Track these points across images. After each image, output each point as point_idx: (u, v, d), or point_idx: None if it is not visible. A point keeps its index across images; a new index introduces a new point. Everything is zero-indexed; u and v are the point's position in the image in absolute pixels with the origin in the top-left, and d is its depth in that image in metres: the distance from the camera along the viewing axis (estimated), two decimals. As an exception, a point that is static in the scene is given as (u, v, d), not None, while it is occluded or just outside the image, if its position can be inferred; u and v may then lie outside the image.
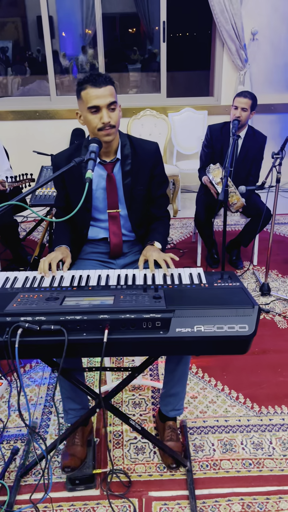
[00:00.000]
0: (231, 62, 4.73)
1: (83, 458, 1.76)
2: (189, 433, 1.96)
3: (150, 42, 7.46)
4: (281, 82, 4.91)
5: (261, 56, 4.76)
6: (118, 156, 1.80)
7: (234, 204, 2.90)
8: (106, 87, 1.64)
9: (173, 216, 4.48)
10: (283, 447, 1.89)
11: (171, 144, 4.81)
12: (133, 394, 2.19)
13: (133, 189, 1.83)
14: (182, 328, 1.32)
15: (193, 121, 4.80)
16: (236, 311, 1.34)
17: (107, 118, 1.65)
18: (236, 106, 3.07)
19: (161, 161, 1.89)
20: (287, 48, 4.77)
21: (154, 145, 1.87)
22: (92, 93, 1.63)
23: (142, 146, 1.84)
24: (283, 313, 2.82)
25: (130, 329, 1.33)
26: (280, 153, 2.69)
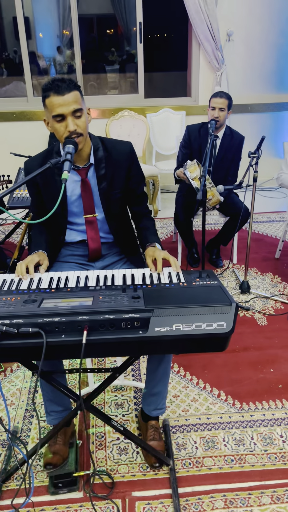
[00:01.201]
0: (207, 63, 4.77)
1: (65, 456, 1.76)
2: (172, 432, 1.97)
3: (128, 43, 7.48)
4: (257, 82, 4.97)
5: (237, 57, 4.82)
6: (92, 160, 1.78)
7: (210, 199, 2.93)
8: (69, 94, 1.58)
9: (153, 216, 4.48)
10: (264, 443, 1.91)
11: (150, 144, 4.82)
12: (116, 395, 2.19)
13: (109, 192, 1.82)
14: (161, 327, 1.32)
15: (171, 121, 4.83)
16: (214, 309, 1.35)
17: (73, 126, 1.61)
18: (214, 107, 3.10)
19: (136, 160, 1.88)
20: (262, 48, 4.84)
21: (128, 145, 1.85)
22: (56, 101, 1.57)
23: (116, 148, 1.82)
24: (263, 310, 2.86)
25: (109, 330, 1.33)
26: (257, 153, 2.72)
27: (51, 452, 1.75)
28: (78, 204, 1.82)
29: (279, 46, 4.85)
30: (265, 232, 4.06)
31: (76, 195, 1.81)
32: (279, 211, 4.53)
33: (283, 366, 2.36)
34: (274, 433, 1.96)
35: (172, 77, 7.01)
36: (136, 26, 4.76)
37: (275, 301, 2.95)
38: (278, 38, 4.81)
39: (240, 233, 3.50)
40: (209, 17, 4.47)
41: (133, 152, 1.87)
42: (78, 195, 1.80)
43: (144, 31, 4.81)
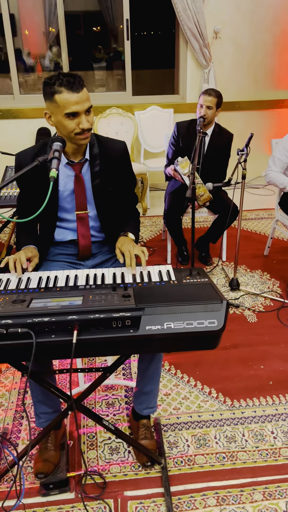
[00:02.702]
0: (195, 60, 4.77)
1: (56, 462, 1.74)
2: (163, 431, 1.97)
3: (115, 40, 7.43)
4: (244, 79, 4.98)
5: (224, 54, 4.82)
6: (87, 156, 1.77)
7: (201, 195, 2.92)
8: (83, 91, 1.58)
9: (142, 215, 4.48)
10: (255, 439, 1.92)
11: (138, 142, 4.81)
12: (106, 394, 2.18)
13: (102, 189, 1.81)
14: (152, 326, 1.32)
15: (159, 119, 4.81)
16: (205, 307, 1.35)
17: (87, 124, 1.62)
18: (202, 104, 3.09)
19: (129, 160, 1.88)
20: (250, 46, 4.85)
21: (122, 144, 1.85)
22: (71, 99, 1.56)
23: (110, 146, 1.81)
24: (252, 307, 2.87)
25: (99, 329, 1.31)
26: (245, 150, 2.73)
27: (41, 459, 1.72)
28: (70, 200, 1.80)
29: (266, 43, 4.87)
30: (254, 230, 4.07)
31: (68, 190, 1.79)
32: (268, 208, 4.55)
33: (273, 362, 2.37)
34: (265, 429, 1.97)
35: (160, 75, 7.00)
36: (123, 23, 4.74)
37: (264, 298, 2.97)
38: (265, 35, 4.83)
39: (229, 230, 3.51)
40: (196, 14, 4.47)
41: (127, 152, 1.86)
42: (70, 190, 1.79)
43: (131, 28, 4.78)
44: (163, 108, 4.82)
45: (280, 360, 2.38)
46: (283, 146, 3.00)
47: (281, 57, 4.96)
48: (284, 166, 3.03)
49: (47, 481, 1.68)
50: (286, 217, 3.13)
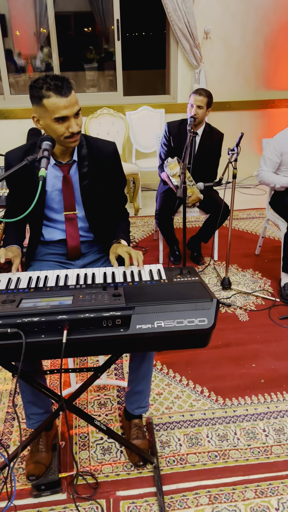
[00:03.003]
0: (186, 61, 4.78)
1: (48, 464, 1.73)
2: (156, 430, 1.97)
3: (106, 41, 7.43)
4: (235, 80, 5.00)
5: (214, 54, 4.84)
6: (75, 157, 1.76)
7: (189, 197, 2.93)
8: (71, 95, 1.57)
9: (134, 215, 4.48)
10: (247, 437, 1.92)
11: (129, 142, 4.81)
12: (98, 394, 2.17)
13: (91, 190, 1.80)
14: (143, 325, 1.31)
15: (151, 119, 4.82)
16: (195, 305, 1.35)
17: (76, 127, 1.62)
18: (192, 104, 3.10)
19: (119, 161, 1.87)
20: (240, 46, 4.87)
21: (112, 145, 1.84)
22: (60, 103, 1.55)
23: (99, 147, 1.81)
24: (244, 306, 2.88)
25: (90, 329, 1.31)
26: (235, 149, 2.74)
27: (33, 462, 1.71)
28: (59, 201, 1.80)
29: (256, 44, 4.89)
30: (245, 229, 4.09)
31: (56, 190, 1.78)
32: (259, 207, 4.57)
33: (265, 361, 2.38)
34: (257, 427, 1.98)
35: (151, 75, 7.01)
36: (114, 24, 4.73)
37: (256, 297, 2.98)
38: (255, 35, 4.85)
39: (221, 230, 3.52)
40: (187, 14, 4.48)
41: (117, 152, 1.86)
42: (58, 191, 1.78)
43: (122, 29, 4.79)
44: (154, 108, 4.83)
45: (271, 359, 2.39)
46: (273, 146, 3.01)
47: (271, 57, 4.99)
48: (275, 166, 3.04)
49: (39, 483, 1.67)
50: (276, 216, 3.15)
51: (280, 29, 4.87)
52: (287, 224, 2.95)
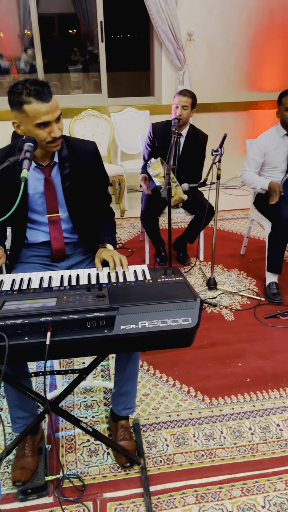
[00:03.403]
0: (169, 63, 4.80)
1: (34, 469, 1.71)
2: (142, 431, 1.96)
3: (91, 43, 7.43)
4: (218, 81, 5.04)
5: (198, 56, 4.87)
6: (56, 159, 1.75)
7: (172, 197, 2.94)
8: (52, 100, 1.56)
9: (120, 216, 4.48)
10: (233, 436, 1.94)
11: (114, 144, 4.81)
12: (85, 396, 2.16)
13: (73, 192, 1.80)
14: (127, 325, 1.32)
15: (136, 120, 4.82)
16: (179, 305, 1.35)
17: (58, 132, 1.61)
18: (177, 105, 3.12)
19: (100, 160, 1.87)
20: (223, 48, 4.91)
21: (92, 145, 1.84)
22: (41, 109, 1.54)
23: (80, 147, 1.80)
24: (230, 306, 2.90)
25: (74, 330, 1.31)
26: (219, 150, 2.76)
27: (18, 467, 1.70)
28: (41, 203, 1.79)
29: (239, 46, 4.94)
30: (231, 229, 4.12)
31: (39, 193, 1.77)
32: (244, 208, 4.61)
33: (250, 360, 2.39)
34: (243, 426, 1.99)
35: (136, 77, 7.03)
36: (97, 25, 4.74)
37: (241, 297, 3.00)
38: (238, 37, 4.90)
39: (206, 230, 3.54)
40: (170, 17, 4.50)
41: (97, 152, 1.85)
42: (40, 193, 1.77)
43: (107, 31, 4.79)
44: (139, 109, 4.84)
45: (257, 357, 2.41)
46: (257, 146, 3.05)
47: (254, 59, 5.04)
48: (258, 166, 3.08)
49: (25, 487, 1.65)
50: (261, 217, 3.17)
51: (262, 31, 4.92)
52: (271, 224, 2.98)
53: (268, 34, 4.95)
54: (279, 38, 4.99)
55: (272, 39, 4.97)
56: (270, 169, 3.09)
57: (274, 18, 4.88)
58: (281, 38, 4.99)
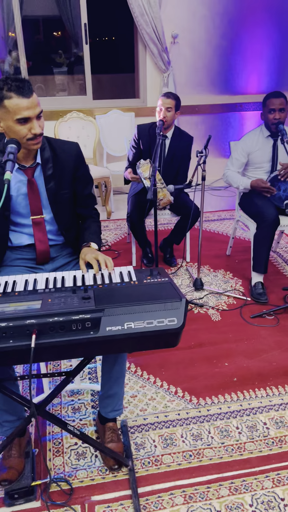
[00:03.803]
0: (154, 65, 4.82)
1: (20, 470, 1.70)
2: (130, 432, 1.96)
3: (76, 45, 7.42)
4: (202, 83, 5.08)
5: (182, 59, 4.90)
6: (38, 160, 1.75)
7: (160, 200, 2.95)
8: (33, 96, 1.56)
9: (107, 218, 4.48)
10: (220, 435, 1.94)
11: (100, 146, 4.80)
12: (72, 399, 2.15)
13: (57, 193, 1.79)
14: (112, 327, 1.32)
15: (121, 123, 4.83)
16: (164, 306, 1.36)
17: (39, 129, 1.60)
18: (161, 107, 3.13)
19: (83, 161, 1.87)
20: (207, 50, 4.95)
21: (74, 146, 1.84)
22: (22, 104, 1.54)
23: (62, 148, 1.80)
24: (216, 306, 2.91)
25: (59, 332, 1.30)
26: (204, 151, 2.78)
27: (5, 467, 1.68)
28: (25, 205, 1.78)
29: (222, 48, 4.98)
30: (216, 230, 4.14)
31: (22, 195, 1.76)
32: (229, 209, 4.64)
33: (237, 359, 2.41)
34: (230, 425, 2.00)
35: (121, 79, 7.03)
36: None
37: (227, 297, 3.02)
38: (222, 40, 4.94)
39: (192, 231, 3.56)
40: (154, 19, 4.52)
41: (80, 152, 1.85)
42: (24, 195, 1.76)
43: (92, 34, 4.79)
44: (124, 112, 4.84)
45: (243, 357, 2.42)
46: (241, 147, 3.08)
47: (238, 62, 5.09)
48: (241, 166, 3.12)
49: (11, 489, 1.64)
50: (246, 217, 3.20)
51: (245, 34, 4.97)
52: (256, 224, 3.00)
53: (251, 37, 5.00)
54: (263, 40, 5.04)
55: (255, 41, 5.03)
56: (254, 169, 3.12)
57: (257, 21, 4.94)
58: (264, 41, 5.05)
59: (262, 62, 5.14)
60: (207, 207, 4.38)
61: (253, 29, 4.97)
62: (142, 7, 4.45)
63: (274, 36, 5.05)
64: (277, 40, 5.07)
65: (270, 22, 4.98)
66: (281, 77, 5.20)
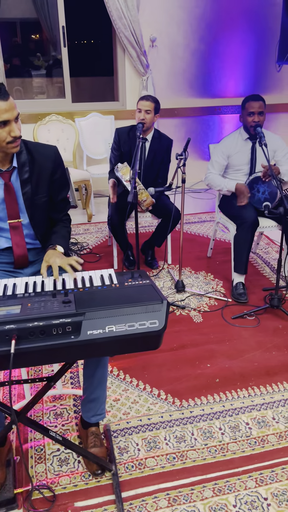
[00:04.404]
0: (133, 68, 4.83)
1: (2, 481, 1.67)
2: (113, 436, 1.95)
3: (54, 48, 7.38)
4: (181, 87, 5.11)
5: (161, 62, 4.92)
6: (14, 164, 1.73)
7: (144, 201, 2.96)
8: (10, 99, 1.56)
9: (87, 221, 4.45)
10: (204, 437, 1.95)
11: (80, 149, 4.78)
12: (54, 405, 2.13)
13: (34, 197, 1.77)
14: (94, 330, 1.30)
15: (100, 126, 4.82)
16: (146, 308, 1.35)
17: (18, 131, 1.59)
18: (140, 109, 3.14)
19: (62, 165, 1.85)
20: (185, 54, 4.99)
21: (52, 149, 1.82)
22: (1, 107, 1.52)
23: (40, 151, 1.78)
24: (198, 308, 2.92)
25: (39, 337, 1.28)
26: (183, 154, 2.79)
27: None
28: (2, 209, 1.75)
29: (201, 52, 5.03)
30: (197, 232, 4.17)
31: None
32: (209, 211, 4.68)
33: (219, 360, 2.42)
34: (213, 426, 2.00)
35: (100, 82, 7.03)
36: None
37: (209, 298, 3.03)
38: (199, 44, 4.99)
39: (173, 234, 3.57)
40: (132, 23, 4.53)
41: (59, 156, 1.83)
42: (1, 199, 1.74)
43: (70, 37, 4.78)
44: (104, 115, 4.84)
45: (225, 358, 2.44)
46: (220, 150, 3.11)
47: (216, 66, 5.14)
48: (222, 169, 3.15)
49: (-7, 501, 1.61)
50: (226, 219, 3.23)
51: (223, 37, 5.03)
52: (236, 226, 3.03)
53: (229, 41, 5.06)
54: (240, 44, 5.11)
55: (233, 45, 5.09)
56: (234, 171, 3.15)
57: (234, 25, 5.00)
58: (242, 44, 5.11)
59: (240, 66, 5.21)
60: (187, 209, 4.40)
61: (230, 33, 5.03)
62: (120, 10, 4.46)
63: (251, 41, 5.13)
64: (253, 45, 5.15)
65: (246, 27, 5.05)
66: (257, 81, 5.28)
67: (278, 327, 2.71)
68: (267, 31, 5.06)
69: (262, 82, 5.26)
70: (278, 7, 4.88)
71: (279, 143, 3.10)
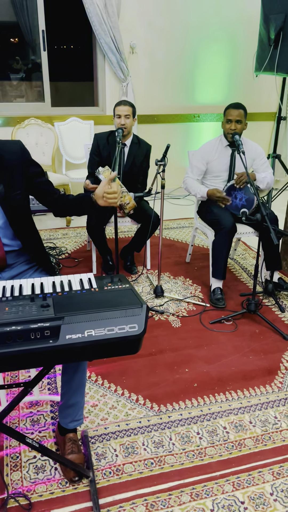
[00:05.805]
0: (113, 74, 4.84)
1: (-24, 488, 1.63)
2: (91, 442, 1.93)
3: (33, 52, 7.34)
4: (161, 93, 5.16)
5: (141, 69, 4.96)
6: None
7: (127, 204, 2.96)
8: None
9: (66, 226, 4.43)
10: (182, 442, 1.95)
11: (59, 153, 4.76)
12: (31, 411, 2.09)
13: (8, 196, 1.74)
14: (73, 335, 1.29)
15: (80, 130, 4.81)
16: (125, 312, 1.35)
17: None
18: (119, 115, 3.15)
19: (29, 156, 1.81)
20: (165, 61, 5.03)
21: (18, 144, 1.79)
22: None
23: (5, 149, 1.74)
24: (176, 313, 2.93)
25: (17, 341, 1.26)
26: (163, 160, 2.81)
27: None
28: None
29: (180, 59, 5.08)
30: (176, 238, 4.19)
31: None
32: (188, 217, 4.72)
33: (197, 365, 2.43)
34: (191, 431, 2.01)
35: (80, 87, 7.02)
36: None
37: (187, 303, 3.05)
38: (179, 51, 5.04)
39: (153, 239, 3.58)
40: (112, 28, 4.55)
41: (25, 149, 1.80)
42: None
43: (50, 41, 4.76)
44: (84, 119, 4.83)
45: (203, 362, 2.45)
46: (200, 155, 3.15)
47: (195, 73, 5.21)
48: (200, 174, 3.20)
49: None
50: (204, 225, 3.26)
51: (203, 45, 5.10)
52: (214, 232, 3.07)
53: (208, 48, 5.14)
54: (220, 51, 5.19)
55: (212, 52, 5.16)
56: (213, 177, 3.20)
57: (213, 32, 5.08)
58: (221, 52, 5.20)
59: (218, 74, 5.28)
60: (166, 215, 4.43)
61: (209, 42, 5.11)
62: (100, 16, 4.48)
63: (229, 50, 5.21)
64: (232, 54, 5.24)
65: (225, 36, 5.14)
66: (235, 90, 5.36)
67: (255, 332, 2.75)
68: (244, 42, 5.15)
69: (240, 91, 5.35)
70: (255, 17, 4.98)
71: (258, 152, 3.16)
